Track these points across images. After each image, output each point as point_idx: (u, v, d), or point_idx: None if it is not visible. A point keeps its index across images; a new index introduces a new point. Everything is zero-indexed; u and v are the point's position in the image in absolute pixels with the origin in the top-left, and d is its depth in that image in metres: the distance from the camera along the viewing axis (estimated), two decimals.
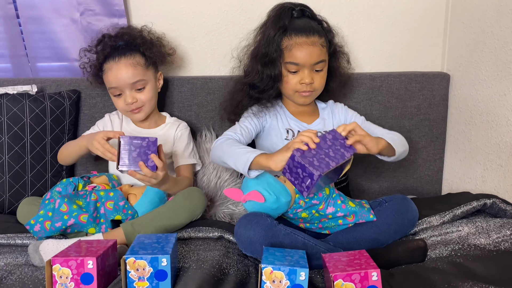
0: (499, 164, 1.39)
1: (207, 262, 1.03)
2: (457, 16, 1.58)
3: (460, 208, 1.26)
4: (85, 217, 1.17)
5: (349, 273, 0.87)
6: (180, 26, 1.59)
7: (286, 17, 1.29)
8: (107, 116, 1.46)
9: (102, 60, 1.35)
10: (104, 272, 0.94)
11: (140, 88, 1.35)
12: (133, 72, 1.32)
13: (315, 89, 1.32)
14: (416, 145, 1.65)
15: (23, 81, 1.52)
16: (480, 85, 1.46)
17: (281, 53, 1.27)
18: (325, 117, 1.41)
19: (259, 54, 1.31)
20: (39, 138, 1.43)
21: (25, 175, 1.42)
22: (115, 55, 1.34)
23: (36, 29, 1.54)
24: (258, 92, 1.34)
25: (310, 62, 1.27)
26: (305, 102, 1.35)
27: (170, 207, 1.22)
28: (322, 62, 1.30)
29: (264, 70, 1.30)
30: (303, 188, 1.01)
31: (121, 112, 1.41)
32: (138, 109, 1.36)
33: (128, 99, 1.33)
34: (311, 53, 1.26)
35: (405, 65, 1.69)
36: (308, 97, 1.33)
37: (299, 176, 1.01)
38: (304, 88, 1.29)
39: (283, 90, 1.34)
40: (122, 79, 1.32)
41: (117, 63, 1.32)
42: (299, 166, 1.00)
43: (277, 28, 1.28)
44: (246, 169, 1.09)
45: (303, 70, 1.28)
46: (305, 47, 1.26)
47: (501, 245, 1.10)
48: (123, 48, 1.36)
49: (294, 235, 1.10)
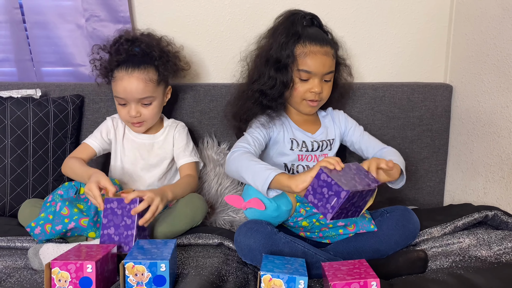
0: (501, 176, 1.38)
1: (206, 269, 1.03)
2: (460, 27, 1.58)
3: (462, 220, 1.25)
4: (85, 221, 1.17)
5: (348, 282, 0.86)
6: (184, 33, 1.61)
7: (298, 24, 1.28)
8: (110, 120, 1.42)
9: (114, 65, 1.31)
10: (103, 276, 0.94)
11: (147, 103, 1.33)
12: (144, 88, 1.29)
13: (322, 98, 1.32)
14: (418, 155, 1.64)
15: (27, 85, 1.53)
16: (483, 97, 1.46)
17: (294, 59, 1.26)
18: (327, 125, 1.41)
19: (271, 59, 1.29)
20: (42, 142, 1.44)
21: (27, 179, 1.42)
22: (129, 65, 1.29)
23: (41, 34, 1.56)
24: (269, 100, 1.31)
25: (322, 72, 1.27)
26: (311, 111, 1.35)
27: (170, 213, 1.23)
28: (332, 73, 1.31)
29: (277, 76, 1.27)
30: (327, 209, 0.93)
31: (123, 120, 1.40)
32: (139, 124, 1.35)
33: (132, 112, 1.31)
34: (324, 63, 1.26)
35: (407, 75, 1.69)
36: (315, 106, 1.32)
37: (323, 196, 0.94)
38: (312, 97, 1.29)
39: (290, 97, 1.32)
40: (130, 93, 1.29)
41: (129, 75, 1.28)
42: (325, 185, 0.94)
43: (291, 34, 1.27)
44: (265, 188, 1.04)
45: (313, 79, 1.27)
46: (319, 56, 1.26)
47: (502, 257, 1.10)
48: (138, 58, 1.32)
49: (294, 243, 1.09)
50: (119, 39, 1.34)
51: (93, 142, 1.37)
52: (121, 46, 1.33)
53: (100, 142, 1.37)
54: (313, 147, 1.33)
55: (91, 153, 1.36)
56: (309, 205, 1.15)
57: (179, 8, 1.59)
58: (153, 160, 1.39)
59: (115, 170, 1.40)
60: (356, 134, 1.40)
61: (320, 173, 0.95)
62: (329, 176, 0.94)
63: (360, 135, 1.40)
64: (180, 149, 1.41)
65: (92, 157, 1.36)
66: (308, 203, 1.16)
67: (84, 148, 1.37)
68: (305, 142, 1.33)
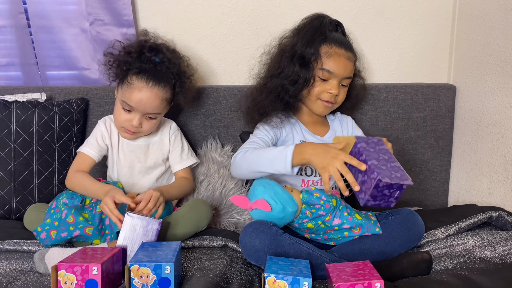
0: (505, 177, 1.38)
1: (211, 271, 1.03)
2: (463, 28, 1.58)
3: (466, 221, 1.25)
4: (90, 229, 1.18)
5: (353, 284, 0.86)
6: (188, 36, 1.61)
7: (326, 26, 1.32)
8: (102, 124, 1.37)
9: (135, 71, 1.26)
10: (108, 278, 0.95)
11: (151, 118, 1.31)
12: (158, 105, 1.29)
13: (337, 102, 1.34)
14: (422, 156, 1.64)
15: (32, 89, 1.54)
16: (486, 97, 1.46)
17: (318, 57, 1.28)
18: (336, 128, 1.42)
19: (296, 54, 1.30)
20: (47, 145, 1.45)
21: (32, 182, 1.43)
22: (150, 77, 1.26)
23: (46, 38, 1.57)
24: (290, 96, 1.31)
25: (343, 75, 1.30)
26: (323, 112, 1.36)
27: (176, 218, 1.23)
28: (350, 79, 1.34)
29: (300, 72, 1.28)
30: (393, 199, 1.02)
31: (116, 123, 1.34)
32: (134, 133, 1.33)
33: (134, 122, 1.28)
34: (346, 66, 1.29)
35: (411, 76, 1.69)
36: (329, 108, 1.34)
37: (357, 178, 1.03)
38: (328, 98, 1.30)
39: (307, 96, 1.32)
40: (144, 106, 1.26)
41: (149, 89, 1.26)
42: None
43: (318, 34, 1.30)
44: (289, 166, 1.11)
45: (333, 80, 1.29)
46: (343, 59, 1.29)
47: (507, 258, 1.09)
48: (160, 73, 1.29)
49: (299, 245, 1.10)
50: (145, 44, 1.31)
51: (90, 151, 1.33)
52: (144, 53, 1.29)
53: (97, 149, 1.34)
54: None
55: (91, 163, 1.33)
56: (314, 207, 1.15)
57: (182, 11, 1.60)
58: (150, 162, 1.39)
59: (112, 175, 1.40)
60: None
61: (355, 144, 1.06)
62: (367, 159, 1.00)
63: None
64: (176, 154, 1.42)
65: (92, 166, 1.34)
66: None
67: (83, 159, 1.33)
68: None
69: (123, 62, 1.28)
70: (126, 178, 1.38)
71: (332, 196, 1.17)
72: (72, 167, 1.32)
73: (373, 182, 0.98)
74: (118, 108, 1.31)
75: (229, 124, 1.59)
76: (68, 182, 1.30)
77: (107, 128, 1.37)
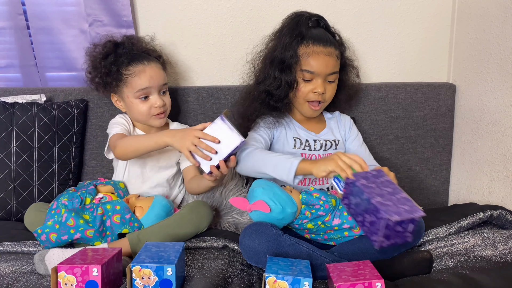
0: (506, 175, 1.38)
1: (211, 271, 1.03)
2: (463, 27, 1.58)
3: (466, 220, 1.25)
4: (91, 232, 1.18)
5: (353, 283, 0.86)
6: (187, 37, 1.61)
7: (303, 25, 1.29)
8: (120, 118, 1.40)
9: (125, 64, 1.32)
10: (108, 279, 0.95)
11: (164, 92, 1.37)
12: (164, 75, 1.37)
13: (325, 100, 1.33)
14: (422, 155, 1.64)
15: (32, 90, 1.54)
16: (486, 96, 1.46)
17: (297, 59, 1.27)
18: (332, 126, 1.42)
19: (275, 60, 1.30)
20: (47, 146, 1.45)
21: (32, 183, 1.43)
22: (140, 59, 1.33)
23: (45, 39, 1.57)
24: (275, 101, 1.32)
25: (325, 72, 1.28)
26: (313, 114, 1.36)
27: (176, 219, 1.23)
28: (335, 74, 1.31)
29: (282, 77, 1.29)
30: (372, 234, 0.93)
31: (143, 117, 1.35)
32: (163, 113, 1.37)
33: (158, 102, 1.33)
34: (327, 63, 1.27)
35: (411, 75, 1.69)
36: (317, 110, 1.34)
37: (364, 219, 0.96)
38: (315, 98, 1.30)
39: (294, 98, 1.34)
40: (157, 80, 1.33)
41: (149, 66, 1.33)
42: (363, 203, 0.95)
43: (294, 35, 1.28)
44: (292, 177, 1.10)
45: (317, 79, 1.28)
46: (322, 56, 1.27)
47: (508, 257, 1.09)
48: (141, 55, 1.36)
49: (299, 245, 1.09)
50: (108, 43, 1.37)
51: (122, 130, 1.33)
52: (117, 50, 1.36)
53: (126, 130, 1.35)
54: (315, 146, 1.35)
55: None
56: (314, 208, 1.15)
57: (181, 11, 1.59)
58: (163, 162, 1.40)
59: (123, 170, 1.40)
60: (354, 143, 1.41)
61: (353, 182, 0.96)
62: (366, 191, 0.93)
63: (359, 146, 1.41)
64: None
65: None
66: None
67: (120, 135, 1.31)
68: (308, 141, 1.35)
69: (110, 65, 1.34)
70: (137, 175, 1.39)
71: (332, 196, 1.17)
72: (113, 142, 1.29)
73: (382, 222, 0.89)
74: (136, 103, 1.34)
75: None
76: (118, 149, 1.25)
77: (126, 121, 1.40)
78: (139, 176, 1.39)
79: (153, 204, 1.27)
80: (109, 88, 1.37)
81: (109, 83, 1.35)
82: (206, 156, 1.12)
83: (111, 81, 1.34)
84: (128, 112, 1.39)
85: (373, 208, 0.92)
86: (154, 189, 1.40)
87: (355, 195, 0.99)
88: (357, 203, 0.98)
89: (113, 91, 1.38)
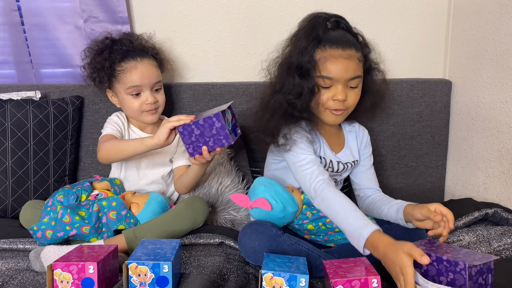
0: (501, 171, 1.38)
1: (208, 268, 1.03)
2: (459, 23, 1.58)
3: (462, 220, 1.26)
4: (87, 228, 1.18)
5: (349, 280, 0.87)
6: (183, 33, 1.61)
7: (320, 27, 1.16)
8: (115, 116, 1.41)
9: (118, 60, 1.33)
10: (105, 277, 0.94)
11: (157, 89, 1.37)
12: (157, 73, 1.37)
13: (347, 107, 1.19)
14: (418, 152, 1.64)
15: (27, 87, 1.53)
16: (482, 92, 1.46)
17: (314, 64, 1.14)
18: (351, 144, 1.31)
19: (292, 66, 1.17)
20: (42, 143, 1.44)
21: (28, 180, 1.43)
22: (134, 55, 1.33)
23: (40, 36, 1.56)
24: (300, 111, 1.18)
25: (345, 77, 1.14)
26: (335, 121, 1.22)
27: (172, 215, 1.23)
28: (358, 78, 1.17)
29: (302, 83, 1.15)
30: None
31: (135, 113, 1.35)
32: (155, 110, 1.36)
33: (149, 99, 1.33)
34: (346, 68, 1.14)
35: (407, 72, 1.69)
36: (340, 116, 1.19)
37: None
38: (337, 106, 1.16)
39: (315, 107, 1.20)
40: (148, 77, 1.32)
41: (141, 63, 1.33)
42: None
43: (311, 39, 1.15)
44: (361, 248, 0.99)
45: (336, 85, 1.15)
46: (340, 60, 1.13)
47: (502, 254, 1.10)
48: (137, 51, 1.36)
49: (298, 245, 1.09)
50: (105, 40, 1.37)
51: (113, 132, 1.34)
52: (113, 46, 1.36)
53: (118, 130, 1.36)
54: (338, 168, 1.26)
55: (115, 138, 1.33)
56: (315, 208, 1.14)
57: (177, 7, 1.59)
58: (158, 160, 1.40)
59: (119, 167, 1.40)
60: (365, 163, 1.33)
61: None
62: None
63: (368, 167, 1.33)
64: (180, 151, 1.42)
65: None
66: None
67: (109, 137, 1.31)
68: (332, 162, 1.25)
69: (103, 61, 1.34)
70: (132, 172, 1.39)
71: None
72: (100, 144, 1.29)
73: (464, 273, 0.85)
74: (128, 100, 1.34)
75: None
76: (101, 153, 1.26)
77: (120, 119, 1.40)
78: (135, 173, 1.40)
79: (149, 201, 1.27)
80: (103, 84, 1.37)
81: (102, 78, 1.35)
82: (185, 119, 1.11)
83: (104, 76, 1.35)
84: (122, 108, 1.39)
85: (447, 263, 0.89)
86: (150, 186, 1.40)
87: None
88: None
89: (108, 87, 1.38)
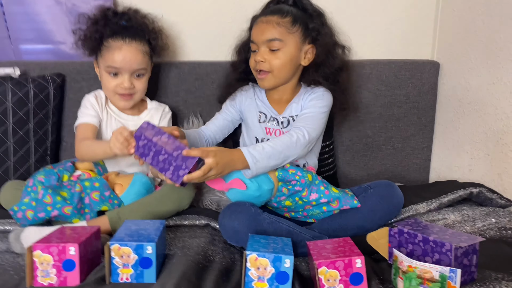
0: (486, 153, 1.39)
1: (192, 249, 1.02)
2: (448, 4, 1.56)
3: (447, 197, 1.27)
4: (69, 209, 1.16)
5: (333, 260, 0.87)
6: (167, 10, 1.56)
7: (272, 3, 1.38)
8: (91, 96, 1.36)
9: (108, 35, 1.28)
10: (86, 258, 0.93)
11: (139, 75, 1.32)
12: (141, 60, 1.31)
13: (270, 69, 1.27)
14: (404, 133, 1.64)
15: (5, 63, 1.48)
16: (470, 74, 1.46)
17: (249, 35, 1.34)
18: (295, 100, 1.33)
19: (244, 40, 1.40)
20: (22, 122, 1.40)
21: (8, 160, 1.39)
22: (125, 35, 1.29)
23: (19, 10, 1.50)
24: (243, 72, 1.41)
25: (261, 39, 1.27)
26: (263, 86, 1.32)
27: (157, 197, 1.21)
28: (277, 41, 1.25)
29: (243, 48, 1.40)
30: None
31: (109, 93, 1.34)
32: (130, 96, 1.33)
33: (126, 83, 1.29)
34: (263, 30, 1.27)
35: (395, 53, 1.67)
36: (265, 79, 1.29)
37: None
38: (259, 67, 1.28)
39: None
40: (129, 63, 1.28)
41: (128, 45, 1.28)
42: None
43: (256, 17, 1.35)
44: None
45: (260, 48, 1.28)
46: (260, 24, 1.29)
47: (486, 233, 1.11)
48: (132, 30, 1.31)
49: (278, 223, 1.10)
50: (107, 11, 1.32)
51: (87, 119, 1.31)
52: (111, 19, 1.31)
53: (93, 115, 1.32)
54: (282, 122, 1.34)
55: (93, 129, 1.31)
56: (291, 184, 1.15)
57: None
58: None
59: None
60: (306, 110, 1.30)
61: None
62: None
63: (306, 112, 1.29)
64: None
65: (95, 132, 1.31)
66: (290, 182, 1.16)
67: (83, 129, 1.30)
68: (273, 117, 1.35)
69: (94, 31, 1.29)
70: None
71: (308, 172, 1.17)
72: (77, 140, 1.29)
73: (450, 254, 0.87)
74: (106, 77, 1.31)
75: (211, 101, 1.55)
76: (77, 153, 1.28)
77: (96, 100, 1.36)
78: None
79: (133, 181, 1.25)
80: (88, 52, 1.34)
81: (88, 47, 1.32)
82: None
83: (90, 45, 1.32)
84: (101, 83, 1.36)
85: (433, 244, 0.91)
86: (131, 168, 1.37)
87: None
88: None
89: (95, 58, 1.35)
